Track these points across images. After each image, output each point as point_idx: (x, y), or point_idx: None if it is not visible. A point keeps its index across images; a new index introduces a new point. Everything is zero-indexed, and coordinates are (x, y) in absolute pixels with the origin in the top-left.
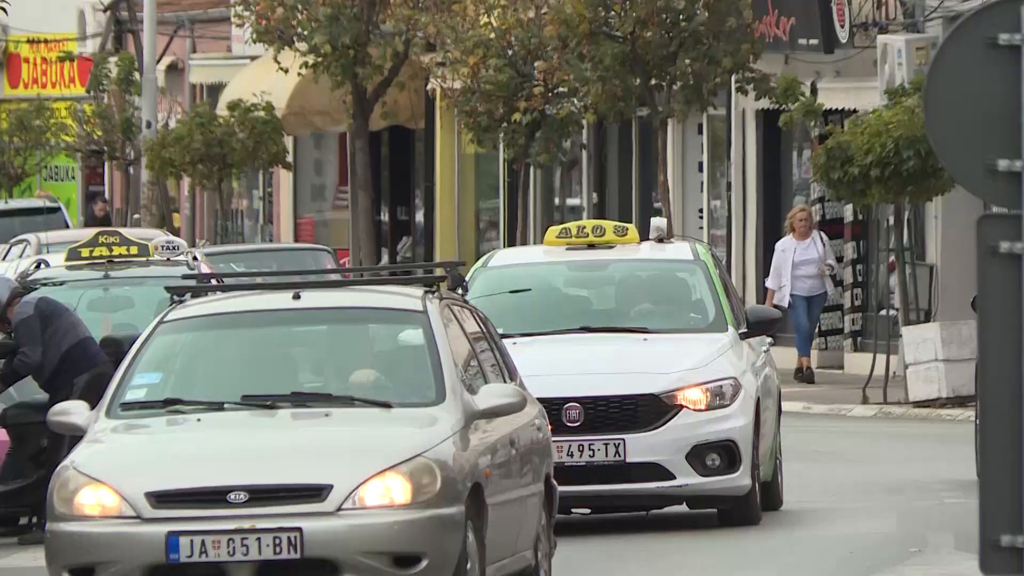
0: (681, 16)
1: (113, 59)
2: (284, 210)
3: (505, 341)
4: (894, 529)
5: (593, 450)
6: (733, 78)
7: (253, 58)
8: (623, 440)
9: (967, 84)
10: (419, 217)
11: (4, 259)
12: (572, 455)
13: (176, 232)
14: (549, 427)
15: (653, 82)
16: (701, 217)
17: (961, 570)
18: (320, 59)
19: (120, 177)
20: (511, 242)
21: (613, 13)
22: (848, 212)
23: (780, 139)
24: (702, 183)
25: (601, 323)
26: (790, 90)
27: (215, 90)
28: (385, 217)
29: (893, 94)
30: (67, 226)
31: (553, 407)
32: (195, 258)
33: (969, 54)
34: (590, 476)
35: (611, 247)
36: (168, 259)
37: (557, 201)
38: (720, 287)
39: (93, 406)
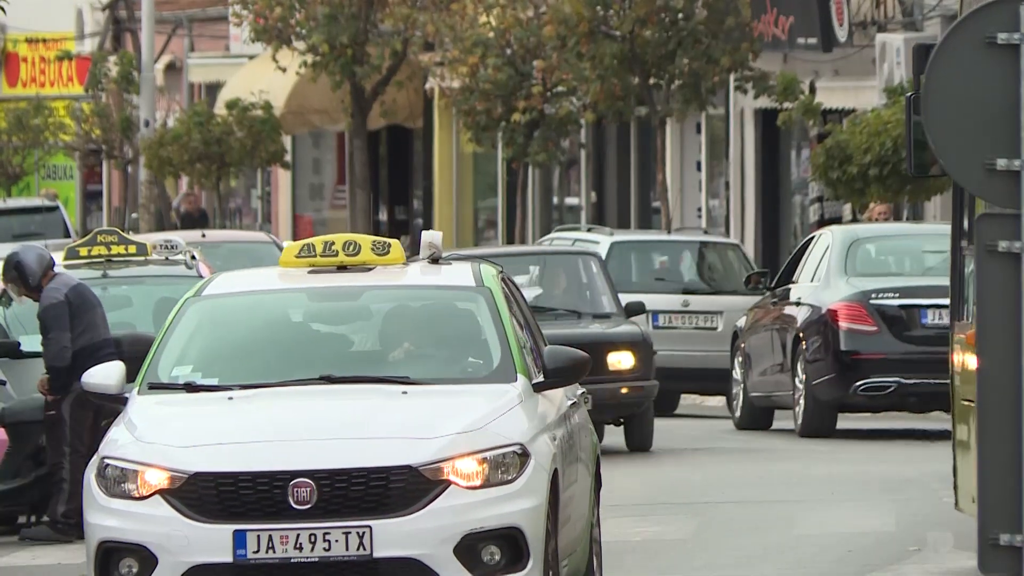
0: (680, 15)
1: (111, 58)
2: (282, 209)
3: (219, 395)
4: (893, 528)
5: (329, 541)
6: (732, 77)
7: (251, 57)
8: (369, 528)
9: (965, 83)
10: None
11: None
12: (301, 548)
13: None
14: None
15: (652, 81)
16: (700, 216)
17: (960, 569)
18: (318, 58)
19: (118, 176)
20: (510, 242)
21: (612, 12)
22: (847, 211)
23: (779, 138)
24: (700, 182)
25: (348, 371)
26: (789, 89)
27: (213, 89)
28: (384, 216)
29: (892, 93)
30: (65, 225)
31: (277, 484)
32: (193, 257)
33: (967, 53)
34: None
35: (369, 269)
36: (166, 258)
37: (556, 200)
38: (508, 323)
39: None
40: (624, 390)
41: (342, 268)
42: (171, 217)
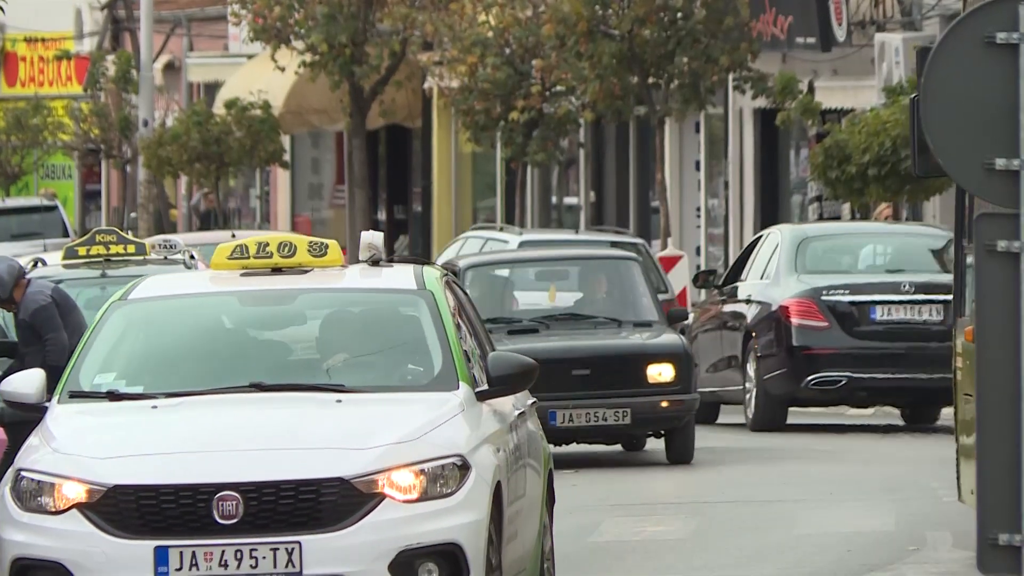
0: (679, 15)
1: (110, 57)
2: (281, 208)
3: (143, 404)
4: (892, 527)
5: (256, 558)
6: (731, 77)
7: (250, 56)
8: (299, 544)
9: (965, 82)
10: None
11: None
12: (226, 565)
13: (172, 230)
14: None
15: (651, 81)
16: (699, 216)
17: (959, 568)
18: (317, 58)
19: (117, 176)
20: None
21: (611, 11)
22: (846, 211)
23: (777, 138)
24: (699, 182)
25: (280, 378)
26: (787, 89)
27: (212, 88)
28: (383, 216)
29: (891, 92)
30: (64, 225)
31: (200, 497)
32: (192, 256)
33: (966, 52)
34: None
35: (305, 271)
36: (165, 257)
37: (555, 200)
38: (451, 328)
39: None
40: (664, 403)
41: (277, 270)
42: (171, 216)
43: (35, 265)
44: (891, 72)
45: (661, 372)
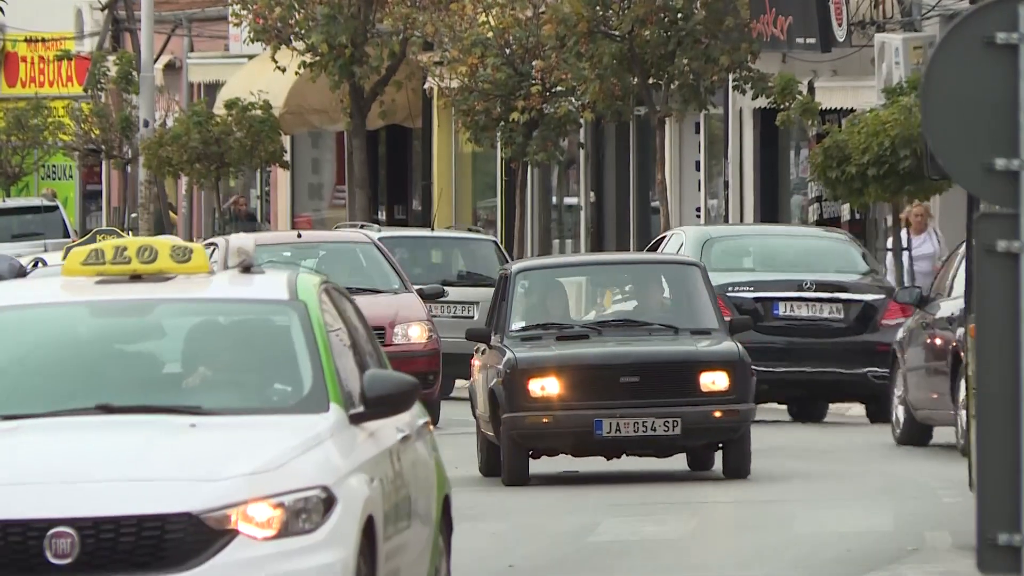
0: (679, 15)
1: (111, 58)
2: (281, 209)
3: None
4: (891, 527)
5: None
6: (731, 77)
7: (251, 57)
8: None
9: (964, 83)
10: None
11: None
12: None
13: (173, 230)
14: None
15: (651, 81)
16: (699, 216)
17: (958, 568)
18: (317, 58)
19: (118, 176)
20: (508, 241)
21: (611, 12)
22: (846, 211)
23: (777, 138)
24: (699, 182)
25: (131, 399)
26: (787, 89)
27: (213, 89)
28: (383, 216)
29: (890, 93)
30: (64, 225)
31: (31, 535)
32: None
33: (966, 53)
34: None
35: (167, 279)
36: None
37: (555, 200)
38: (323, 344)
39: None
40: (717, 414)
41: (136, 277)
42: (171, 218)
43: (35, 265)
44: (891, 72)
45: (715, 380)
